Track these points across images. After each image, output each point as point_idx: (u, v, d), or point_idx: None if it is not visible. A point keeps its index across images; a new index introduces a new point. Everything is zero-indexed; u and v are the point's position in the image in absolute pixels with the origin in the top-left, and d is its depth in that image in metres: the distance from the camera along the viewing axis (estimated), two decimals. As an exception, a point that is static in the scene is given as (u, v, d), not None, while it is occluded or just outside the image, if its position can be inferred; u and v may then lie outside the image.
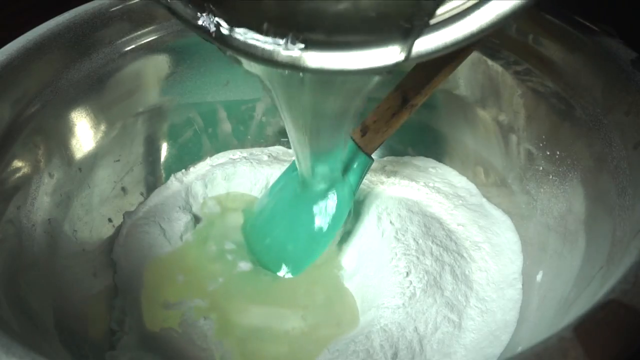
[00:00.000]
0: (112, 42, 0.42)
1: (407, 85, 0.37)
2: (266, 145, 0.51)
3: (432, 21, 0.23)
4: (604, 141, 0.33)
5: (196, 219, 0.45)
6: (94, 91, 0.41)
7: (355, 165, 0.40)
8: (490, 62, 0.42)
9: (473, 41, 0.23)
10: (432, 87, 0.37)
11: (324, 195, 0.40)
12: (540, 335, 0.30)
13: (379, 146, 0.40)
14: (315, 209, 0.40)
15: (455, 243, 0.41)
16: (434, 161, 0.49)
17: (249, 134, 0.51)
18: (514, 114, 0.42)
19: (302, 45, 0.23)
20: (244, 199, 0.47)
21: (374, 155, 0.40)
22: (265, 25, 0.23)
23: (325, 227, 0.40)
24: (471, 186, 0.46)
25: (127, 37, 0.42)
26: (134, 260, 0.41)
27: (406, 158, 0.49)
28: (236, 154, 0.50)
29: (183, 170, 0.48)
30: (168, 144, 0.47)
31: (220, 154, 0.50)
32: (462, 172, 0.47)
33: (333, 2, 0.23)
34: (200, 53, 0.46)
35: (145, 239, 0.42)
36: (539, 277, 0.37)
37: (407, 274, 0.38)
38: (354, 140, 0.39)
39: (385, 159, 0.50)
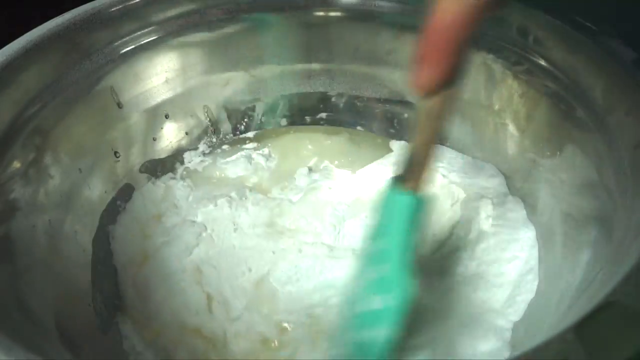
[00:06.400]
0: (112, 42, 0.42)
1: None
2: (266, 145, 0.51)
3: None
4: (604, 141, 0.33)
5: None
6: (94, 91, 0.41)
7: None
8: (490, 62, 0.42)
9: None
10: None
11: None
12: (540, 336, 0.30)
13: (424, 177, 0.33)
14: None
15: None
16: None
17: (249, 134, 0.51)
18: (514, 114, 0.42)
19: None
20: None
21: None
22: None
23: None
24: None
25: (127, 37, 0.42)
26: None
27: None
28: (236, 153, 0.50)
29: (183, 171, 0.48)
30: (168, 144, 0.47)
31: (220, 154, 0.50)
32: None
33: None
34: (200, 53, 0.46)
35: (145, 239, 0.42)
36: (540, 277, 0.37)
37: None
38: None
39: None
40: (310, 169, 0.48)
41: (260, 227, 0.44)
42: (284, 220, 0.44)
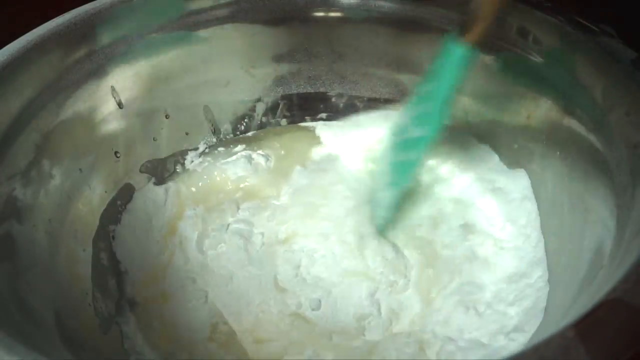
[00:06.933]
0: (112, 42, 0.42)
1: None
2: (266, 146, 0.51)
3: None
4: (604, 141, 0.33)
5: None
6: (94, 92, 0.41)
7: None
8: (490, 62, 0.42)
9: None
10: None
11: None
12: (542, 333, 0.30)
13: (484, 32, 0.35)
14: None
15: None
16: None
17: (249, 134, 0.51)
18: (514, 114, 0.42)
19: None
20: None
21: None
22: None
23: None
24: None
25: (127, 37, 0.42)
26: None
27: None
28: (236, 154, 0.50)
29: (184, 173, 0.48)
30: (168, 144, 0.47)
31: (220, 154, 0.50)
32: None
33: None
34: (200, 53, 0.46)
35: (145, 240, 0.42)
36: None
37: None
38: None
39: None
40: (310, 169, 0.48)
41: (264, 246, 0.43)
42: (284, 226, 0.44)
